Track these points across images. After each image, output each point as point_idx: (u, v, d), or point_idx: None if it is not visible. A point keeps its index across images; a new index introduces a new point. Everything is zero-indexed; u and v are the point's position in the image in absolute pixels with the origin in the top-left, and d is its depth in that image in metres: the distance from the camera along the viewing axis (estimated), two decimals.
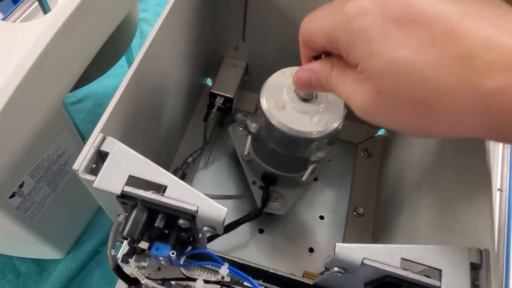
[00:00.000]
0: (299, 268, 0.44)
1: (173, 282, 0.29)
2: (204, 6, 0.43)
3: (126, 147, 0.25)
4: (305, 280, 0.32)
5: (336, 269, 0.24)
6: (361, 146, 0.54)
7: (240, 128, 0.49)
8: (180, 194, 0.24)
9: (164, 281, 0.30)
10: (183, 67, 0.43)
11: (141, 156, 0.25)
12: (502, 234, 0.56)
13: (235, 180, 0.49)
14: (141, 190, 0.24)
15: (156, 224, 0.24)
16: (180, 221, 0.25)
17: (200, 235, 0.28)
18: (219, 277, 0.30)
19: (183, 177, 0.46)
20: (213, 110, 0.47)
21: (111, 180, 0.24)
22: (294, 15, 0.43)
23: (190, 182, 0.49)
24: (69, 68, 0.34)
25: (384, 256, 0.24)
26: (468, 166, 0.31)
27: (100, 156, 0.26)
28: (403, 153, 0.46)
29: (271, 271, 0.33)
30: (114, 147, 0.25)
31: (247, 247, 0.44)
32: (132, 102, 0.31)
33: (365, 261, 0.23)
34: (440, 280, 0.23)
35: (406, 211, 0.40)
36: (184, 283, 0.29)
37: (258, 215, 0.43)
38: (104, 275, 0.44)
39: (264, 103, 0.36)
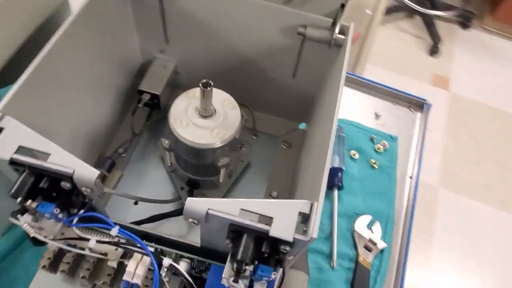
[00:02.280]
0: None
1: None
2: (120, 10, 0.49)
3: (21, 124, 0.31)
4: (194, 243, 0.37)
5: (190, 220, 0.30)
6: (282, 138, 0.60)
7: (165, 143, 0.54)
8: (61, 160, 0.29)
9: (65, 241, 0.35)
10: (107, 66, 0.49)
11: (33, 131, 0.30)
12: (405, 232, 0.61)
13: (164, 170, 0.55)
14: (27, 157, 0.29)
15: (40, 185, 0.29)
16: (62, 183, 0.30)
17: (93, 202, 0.34)
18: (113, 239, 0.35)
19: (112, 166, 0.51)
20: (139, 105, 0.52)
21: (2, 149, 0.29)
22: (214, 16, 0.48)
23: (121, 171, 0.54)
24: None
25: (227, 208, 0.29)
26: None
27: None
28: (309, 143, 0.52)
29: (165, 236, 0.38)
30: (10, 123, 0.31)
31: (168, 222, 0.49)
32: (42, 91, 0.37)
33: (209, 211, 0.29)
34: (270, 225, 0.29)
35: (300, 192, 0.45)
36: (79, 242, 0.34)
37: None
38: (36, 253, 0.48)
39: (172, 123, 0.42)
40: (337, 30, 0.44)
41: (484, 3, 2.26)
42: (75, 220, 0.33)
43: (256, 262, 0.30)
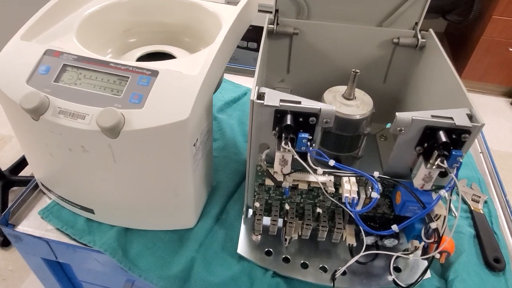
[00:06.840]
0: None
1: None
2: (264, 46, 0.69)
3: (272, 90, 0.47)
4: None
5: (397, 128, 0.45)
6: (379, 135, 0.76)
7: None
8: (309, 104, 0.45)
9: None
10: None
11: (282, 92, 0.46)
12: (497, 186, 0.76)
13: None
14: (289, 103, 0.45)
15: (300, 119, 0.45)
16: (310, 119, 0.45)
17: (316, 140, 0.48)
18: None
19: None
20: None
21: (271, 101, 0.45)
22: (325, 52, 0.68)
23: None
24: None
25: (422, 115, 0.44)
26: None
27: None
28: None
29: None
30: (266, 90, 0.47)
31: None
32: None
33: (414, 117, 0.44)
34: (453, 120, 0.44)
35: None
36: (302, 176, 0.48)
37: None
38: (227, 232, 0.59)
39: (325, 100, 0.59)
40: (419, 36, 0.64)
41: None
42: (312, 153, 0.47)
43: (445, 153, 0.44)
